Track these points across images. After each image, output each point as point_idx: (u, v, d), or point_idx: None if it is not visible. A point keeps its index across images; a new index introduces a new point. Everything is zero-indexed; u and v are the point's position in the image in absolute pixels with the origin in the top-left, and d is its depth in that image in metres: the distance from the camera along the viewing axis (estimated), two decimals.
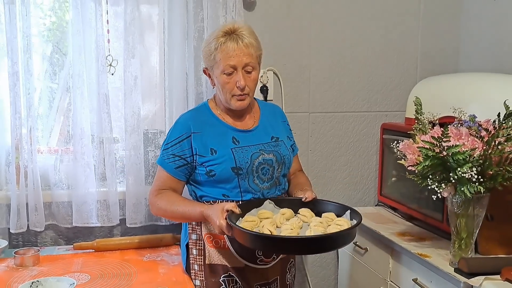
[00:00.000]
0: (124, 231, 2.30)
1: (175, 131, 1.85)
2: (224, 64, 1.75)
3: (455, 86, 2.19)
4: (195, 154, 1.82)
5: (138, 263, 2.00)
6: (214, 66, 1.79)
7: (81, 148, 2.16)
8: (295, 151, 2.03)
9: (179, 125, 1.86)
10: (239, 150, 1.81)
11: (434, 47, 2.58)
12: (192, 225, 1.85)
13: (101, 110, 2.16)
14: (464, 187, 1.58)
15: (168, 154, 1.83)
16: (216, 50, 1.76)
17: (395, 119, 2.55)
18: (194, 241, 1.85)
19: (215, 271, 1.82)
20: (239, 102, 1.81)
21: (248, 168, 1.79)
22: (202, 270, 1.83)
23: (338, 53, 2.48)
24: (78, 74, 2.13)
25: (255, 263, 1.80)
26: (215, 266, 1.82)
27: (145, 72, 2.24)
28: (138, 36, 2.16)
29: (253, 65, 1.78)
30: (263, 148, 1.85)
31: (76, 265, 1.97)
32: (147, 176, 2.27)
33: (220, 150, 1.80)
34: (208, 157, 1.80)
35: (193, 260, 1.85)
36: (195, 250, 1.85)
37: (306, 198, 1.79)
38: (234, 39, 1.75)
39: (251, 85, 1.81)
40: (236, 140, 1.83)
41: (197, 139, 1.81)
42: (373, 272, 2.15)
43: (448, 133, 1.57)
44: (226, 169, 1.78)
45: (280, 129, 1.95)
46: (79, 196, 2.18)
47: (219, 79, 1.79)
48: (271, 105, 2.08)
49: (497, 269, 1.63)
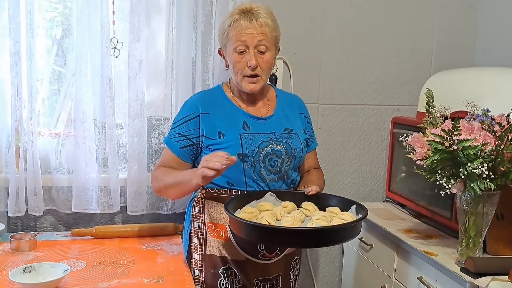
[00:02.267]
0: (125, 218, 2.26)
1: (183, 111, 1.82)
2: (235, 40, 1.71)
3: (469, 80, 2.10)
4: (202, 136, 1.77)
5: (136, 251, 1.95)
6: (227, 44, 1.75)
7: (83, 133, 2.11)
8: (311, 147, 1.95)
9: (187, 105, 1.83)
10: (248, 136, 1.75)
11: (450, 41, 2.49)
12: (196, 213, 1.80)
13: (104, 94, 2.11)
14: (474, 183, 1.51)
15: (175, 133, 1.79)
16: (229, 27, 1.72)
17: (407, 114, 2.47)
18: (196, 230, 1.80)
19: (215, 262, 1.77)
20: (251, 85, 1.75)
21: (255, 156, 1.73)
22: (202, 260, 1.78)
23: (350, 44, 2.41)
24: (81, 56, 2.08)
25: (256, 257, 1.74)
26: (215, 257, 1.77)
27: (151, 56, 2.18)
28: (144, 18, 2.11)
29: (267, 45, 1.72)
30: (274, 138, 1.78)
31: (73, 251, 1.93)
32: (150, 164, 2.22)
33: (228, 134, 1.75)
34: (215, 140, 1.75)
35: (194, 249, 1.80)
36: (196, 239, 1.80)
37: (309, 192, 1.72)
38: (248, 17, 1.71)
39: (264, 66, 1.74)
40: (247, 125, 1.78)
41: (205, 120, 1.76)
42: (378, 269, 2.08)
43: (459, 126, 1.50)
44: (232, 154, 1.70)
45: (296, 121, 1.88)
46: (80, 182, 2.14)
47: (231, 57, 1.75)
48: (290, 95, 2.00)
49: (504, 269, 1.55)
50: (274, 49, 1.77)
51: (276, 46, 1.79)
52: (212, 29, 2.18)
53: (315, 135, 2.01)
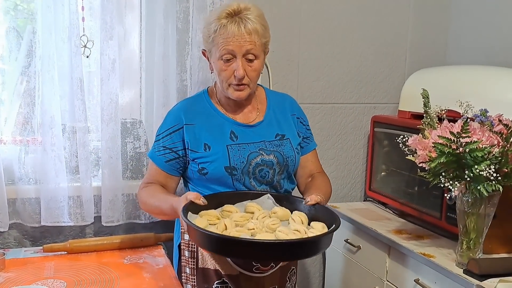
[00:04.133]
0: (97, 230, 2.10)
1: (166, 122, 1.72)
2: (221, 48, 1.57)
3: (450, 78, 2.12)
4: (187, 148, 1.65)
5: (118, 266, 1.81)
6: (212, 49, 1.62)
7: (51, 139, 1.94)
8: (307, 148, 1.82)
9: (170, 115, 1.73)
10: (236, 147, 1.65)
11: (424, 40, 2.51)
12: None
13: (74, 97, 1.94)
14: (480, 186, 1.50)
15: (159, 146, 1.69)
16: (215, 32, 1.57)
17: (383, 112, 2.47)
18: (187, 242, 1.67)
19: (208, 276, 1.64)
20: (237, 92, 1.63)
21: (244, 168, 1.63)
22: (194, 275, 1.67)
23: (327, 43, 2.37)
24: (48, 56, 1.90)
25: (250, 271, 1.62)
26: (208, 270, 1.64)
27: (124, 55, 2.03)
28: (116, 15, 1.95)
29: (256, 53, 1.60)
30: (264, 147, 1.68)
31: (48, 270, 1.76)
32: (125, 170, 2.08)
33: (214, 146, 1.64)
34: (200, 153, 1.64)
35: (185, 262, 1.68)
36: (187, 251, 1.67)
37: (308, 201, 1.58)
38: (236, 22, 1.56)
39: (252, 75, 1.62)
40: (235, 135, 1.67)
41: (189, 132, 1.65)
42: (367, 271, 2.06)
43: (468, 129, 1.48)
44: (219, 168, 1.62)
45: (288, 125, 1.77)
46: (49, 192, 1.96)
47: (216, 64, 1.62)
48: (281, 95, 1.87)
49: (507, 270, 1.57)
50: (263, 55, 1.66)
51: (265, 52, 1.68)
52: (190, 26, 2.06)
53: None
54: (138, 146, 2.10)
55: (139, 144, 2.10)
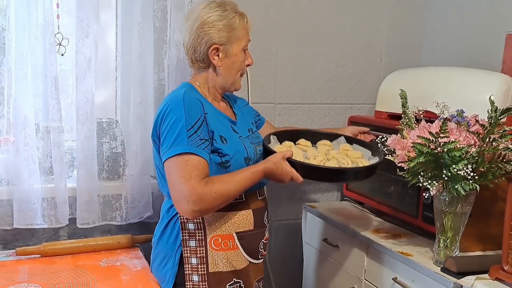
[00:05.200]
0: (72, 232, 2.05)
1: (191, 113, 1.55)
2: (245, 40, 1.70)
3: (425, 79, 2.15)
4: (212, 138, 1.60)
5: (94, 269, 1.78)
6: (234, 42, 1.66)
7: (24, 139, 1.88)
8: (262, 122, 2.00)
9: (192, 104, 1.57)
10: (244, 140, 1.70)
11: (399, 41, 2.55)
12: (188, 231, 1.63)
13: (48, 96, 1.89)
14: (458, 185, 1.52)
15: (197, 139, 1.53)
16: (239, 25, 1.66)
17: (359, 112, 2.49)
18: (193, 249, 1.63)
19: (220, 279, 1.64)
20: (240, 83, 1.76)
21: (255, 159, 1.69)
22: (205, 280, 1.63)
23: (305, 44, 2.38)
24: (21, 53, 1.85)
25: (257, 258, 1.72)
26: (220, 274, 1.64)
27: (100, 54, 1.98)
28: (92, 12, 1.91)
29: None
30: (252, 140, 1.74)
31: (21, 274, 1.71)
32: (101, 171, 2.04)
33: (229, 138, 1.64)
34: (220, 145, 1.60)
35: (191, 270, 1.63)
36: (195, 258, 1.63)
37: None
38: (243, 16, 1.70)
39: None
40: (233, 129, 1.70)
41: (209, 121, 1.60)
42: (346, 270, 2.07)
43: (446, 129, 1.50)
44: (240, 159, 1.63)
45: (249, 118, 1.87)
46: (21, 194, 1.91)
47: (237, 56, 1.68)
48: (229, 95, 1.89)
49: (483, 267, 1.59)
50: None
51: None
52: (168, 25, 2.03)
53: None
54: (115, 146, 2.06)
55: (115, 144, 2.06)
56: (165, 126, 1.56)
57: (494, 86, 1.95)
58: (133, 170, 2.05)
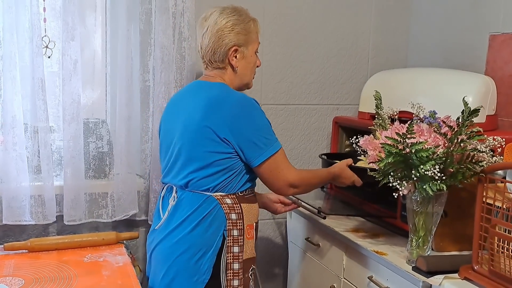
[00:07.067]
0: (60, 229, 2.11)
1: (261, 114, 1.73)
2: (257, 43, 1.82)
3: (407, 80, 2.18)
4: None
5: (78, 264, 1.83)
6: (250, 45, 1.79)
7: (13, 138, 1.95)
8: None
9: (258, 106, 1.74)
10: None
11: (385, 42, 2.57)
12: (232, 220, 1.72)
13: (36, 97, 1.96)
14: (426, 185, 1.55)
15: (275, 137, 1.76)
16: (253, 29, 1.79)
17: (345, 113, 2.52)
18: (236, 238, 1.73)
19: (248, 266, 1.78)
20: None
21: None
22: (242, 267, 1.74)
23: (291, 45, 2.41)
24: (9, 56, 1.91)
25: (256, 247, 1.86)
26: (249, 260, 1.78)
27: (86, 56, 2.05)
28: (78, 16, 1.97)
29: None
30: None
31: (7, 267, 1.77)
32: (87, 170, 2.10)
33: None
34: None
35: (233, 259, 1.73)
36: (237, 247, 1.73)
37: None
38: (257, 21, 1.83)
39: None
40: None
41: None
42: (326, 269, 2.10)
43: (413, 130, 1.53)
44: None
45: None
46: (10, 191, 1.98)
47: (252, 58, 1.80)
48: None
49: (454, 267, 1.61)
50: None
51: None
52: (152, 28, 2.09)
53: None
54: (101, 146, 2.12)
55: (101, 143, 2.12)
56: (252, 127, 1.69)
57: (474, 87, 1.97)
58: (119, 169, 2.10)
